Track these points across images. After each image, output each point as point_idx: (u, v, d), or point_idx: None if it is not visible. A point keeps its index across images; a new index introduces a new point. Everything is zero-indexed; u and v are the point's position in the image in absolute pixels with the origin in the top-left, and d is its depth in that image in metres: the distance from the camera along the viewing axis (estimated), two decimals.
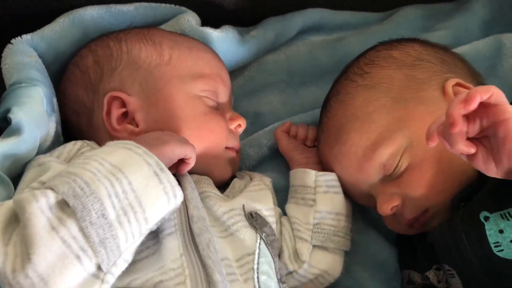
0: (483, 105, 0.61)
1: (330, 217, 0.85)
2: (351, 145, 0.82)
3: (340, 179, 0.86)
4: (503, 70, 1.02)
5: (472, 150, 0.63)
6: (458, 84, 0.82)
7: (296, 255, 0.84)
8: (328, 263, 0.84)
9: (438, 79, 0.83)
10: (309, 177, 0.87)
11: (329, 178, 0.87)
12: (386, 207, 0.79)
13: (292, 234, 0.85)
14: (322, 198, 0.86)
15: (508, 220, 0.66)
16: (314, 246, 0.84)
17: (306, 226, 0.85)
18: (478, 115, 0.62)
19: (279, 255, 0.84)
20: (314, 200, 0.86)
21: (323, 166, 0.90)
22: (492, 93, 0.60)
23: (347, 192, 0.87)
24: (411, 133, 0.78)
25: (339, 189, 0.87)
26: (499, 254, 0.65)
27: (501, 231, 0.66)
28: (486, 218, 0.67)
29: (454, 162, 0.76)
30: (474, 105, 0.59)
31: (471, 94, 0.59)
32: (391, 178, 0.80)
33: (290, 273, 0.84)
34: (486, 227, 0.67)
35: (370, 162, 0.80)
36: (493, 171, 0.63)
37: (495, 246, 0.66)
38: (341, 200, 0.87)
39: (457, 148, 0.62)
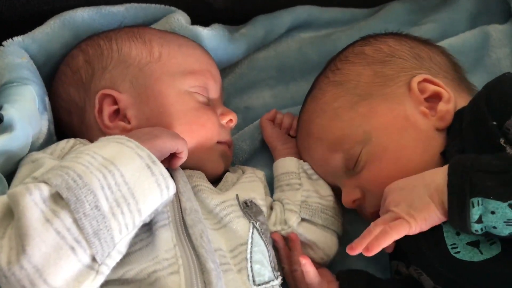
0: None
1: (317, 196, 0.87)
2: (317, 138, 0.85)
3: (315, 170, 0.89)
4: (491, 60, 1.03)
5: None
6: (425, 80, 0.82)
7: (284, 222, 0.84)
8: (318, 236, 0.85)
9: (406, 75, 0.83)
10: (292, 163, 0.90)
11: (306, 167, 0.89)
12: (348, 200, 0.82)
13: (283, 208, 0.86)
14: (307, 182, 0.88)
15: None
16: (302, 219, 0.85)
17: (295, 202, 0.86)
18: None
19: None
20: (300, 184, 0.88)
21: (303, 160, 0.92)
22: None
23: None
24: (371, 129, 0.80)
25: (318, 176, 0.89)
26: (456, 255, 0.66)
27: (457, 234, 0.67)
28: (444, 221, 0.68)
29: (414, 158, 0.77)
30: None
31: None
32: (353, 172, 0.81)
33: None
34: (444, 229, 0.68)
35: (333, 156, 0.82)
36: None
37: (452, 248, 0.67)
38: (324, 184, 0.88)
39: None
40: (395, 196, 0.71)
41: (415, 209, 0.67)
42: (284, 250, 0.84)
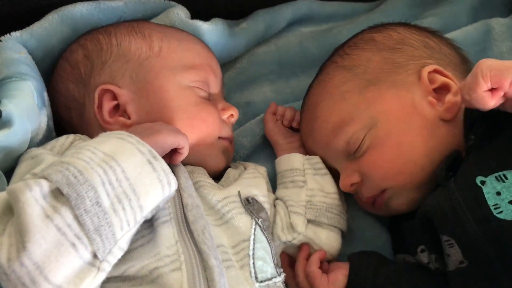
0: None
1: (322, 194, 0.86)
2: (322, 121, 0.85)
3: (309, 152, 0.90)
4: (493, 54, 1.03)
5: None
6: (435, 71, 0.82)
7: (291, 227, 0.84)
8: (323, 238, 0.84)
9: (415, 63, 0.84)
10: (296, 160, 0.89)
11: (314, 161, 0.89)
12: (346, 183, 0.83)
13: (287, 210, 0.85)
14: (311, 179, 0.87)
15: (504, 181, 0.67)
16: (308, 221, 0.84)
17: (299, 203, 0.85)
18: None
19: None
20: (304, 182, 0.87)
21: (304, 144, 0.92)
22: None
23: None
24: (377, 114, 0.80)
25: (326, 170, 0.88)
26: (498, 216, 0.66)
27: (498, 193, 0.67)
28: (483, 182, 0.68)
29: (417, 146, 0.78)
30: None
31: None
32: (354, 156, 0.82)
33: (283, 243, 0.84)
34: (484, 190, 0.68)
35: (336, 138, 0.83)
36: None
37: (495, 208, 0.66)
38: (329, 180, 0.88)
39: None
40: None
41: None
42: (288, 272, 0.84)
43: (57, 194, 0.59)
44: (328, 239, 0.85)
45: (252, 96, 1.04)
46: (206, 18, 1.00)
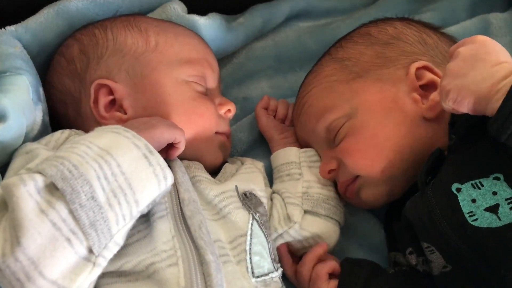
0: None
1: (318, 186, 0.86)
2: (309, 105, 0.87)
3: (303, 142, 0.91)
4: None
5: None
6: (425, 67, 0.82)
7: (288, 218, 0.83)
8: (321, 227, 0.84)
9: (407, 59, 0.83)
10: (292, 153, 0.89)
11: (310, 153, 0.89)
12: (323, 169, 0.85)
13: (283, 202, 0.85)
14: (308, 171, 0.87)
15: (480, 189, 0.66)
16: (305, 211, 0.84)
17: (296, 194, 0.85)
18: None
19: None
20: (300, 174, 0.87)
21: (296, 132, 0.93)
22: None
23: None
24: (358, 105, 0.81)
25: None
26: (474, 223, 0.65)
27: (473, 201, 0.66)
28: (458, 190, 0.67)
29: (390, 140, 0.79)
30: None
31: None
32: (334, 144, 0.83)
33: (280, 235, 0.83)
34: (459, 198, 0.67)
35: (317, 124, 0.85)
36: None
37: (469, 216, 0.66)
38: None
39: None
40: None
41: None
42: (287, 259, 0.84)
43: (52, 189, 0.58)
44: (326, 230, 0.84)
45: (250, 91, 1.04)
46: (203, 12, 1.00)
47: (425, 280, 0.76)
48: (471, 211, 0.66)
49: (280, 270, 0.75)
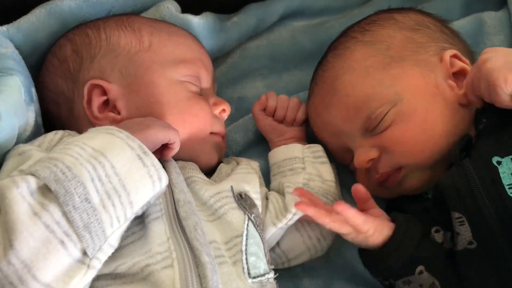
0: None
1: (319, 180, 0.86)
2: (344, 95, 0.84)
3: (324, 130, 0.89)
4: (486, 47, 0.98)
5: None
6: (455, 56, 0.84)
7: (284, 210, 0.81)
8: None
9: (436, 46, 0.85)
10: (296, 149, 0.89)
11: (315, 149, 0.89)
12: (363, 158, 0.82)
13: (280, 197, 0.84)
14: (310, 165, 0.87)
15: None
16: None
17: (296, 184, 0.84)
18: None
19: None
20: (303, 168, 0.87)
21: (313, 119, 0.91)
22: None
23: (327, 146, 0.90)
24: (402, 91, 0.81)
25: (326, 159, 0.88)
26: None
27: None
28: (499, 163, 0.70)
29: (438, 125, 0.80)
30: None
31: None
32: (372, 133, 0.82)
33: (279, 228, 0.81)
34: (500, 170, 0.69)
35: (358, 113, 0.82)
36: None
37: (509, 188, 0.68)
38: (328, 169, 0.88)
39: None
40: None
41: None
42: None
43: (45, 190, 0.58)
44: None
45: (245, 91, 1.03)
46: (197, 12, 0.99)
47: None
48: (511, 183, 0.68)
49: (272, 273, 0.74)
